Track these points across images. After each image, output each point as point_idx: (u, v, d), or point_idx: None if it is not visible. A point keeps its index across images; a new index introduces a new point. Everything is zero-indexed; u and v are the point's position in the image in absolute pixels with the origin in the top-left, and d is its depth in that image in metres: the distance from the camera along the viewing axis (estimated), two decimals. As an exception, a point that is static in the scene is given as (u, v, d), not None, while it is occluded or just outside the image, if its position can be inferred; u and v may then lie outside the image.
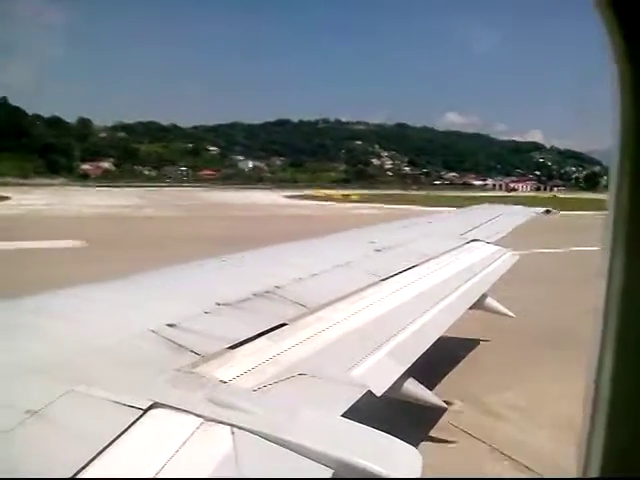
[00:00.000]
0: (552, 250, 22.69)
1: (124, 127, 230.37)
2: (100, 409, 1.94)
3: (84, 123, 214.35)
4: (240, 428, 1.93)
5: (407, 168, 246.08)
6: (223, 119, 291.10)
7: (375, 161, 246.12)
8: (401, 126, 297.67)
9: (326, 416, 2.24)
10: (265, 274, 4.53)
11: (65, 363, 2.25)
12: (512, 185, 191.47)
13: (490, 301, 6.83)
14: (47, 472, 1.58)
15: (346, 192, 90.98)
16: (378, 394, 2.71)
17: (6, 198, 59.09)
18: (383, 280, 4.77)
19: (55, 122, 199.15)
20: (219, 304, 3.40)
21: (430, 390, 3.87)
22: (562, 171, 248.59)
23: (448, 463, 5.39)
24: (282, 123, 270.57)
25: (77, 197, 66.92)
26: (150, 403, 1.99)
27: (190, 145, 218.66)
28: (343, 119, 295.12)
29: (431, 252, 6.31)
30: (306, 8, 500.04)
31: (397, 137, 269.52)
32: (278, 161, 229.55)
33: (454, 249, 6.96)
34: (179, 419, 1.95)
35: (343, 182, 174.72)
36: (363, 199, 72.63)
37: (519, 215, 11.71)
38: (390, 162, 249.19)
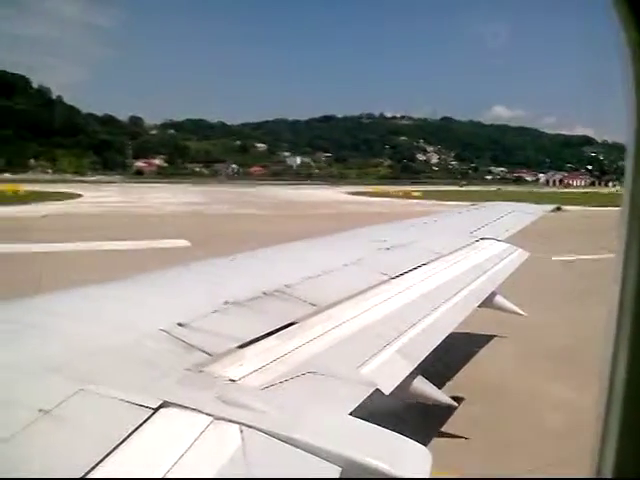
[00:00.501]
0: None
1: (173, 125, 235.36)
2: (111, 408, 1.97)
3: (135, 121, 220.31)
4: (249, 427, 1.95)
5: (454, 163, 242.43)
6: (269, 116, 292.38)
7: (420, 156, 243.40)
8: (446, 120, 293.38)
9: (334, 414, 2.25)
10: (275, 272, 4.56)
11: (76, 362, 2.27)
12: (567, 180, 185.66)
13: (499, 299, 6.65)
14: (59, 471, 1.61)
15: (401, 189, 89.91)
16: (386, 392, 2.72)
17: (78, 195, 60.68)
18: (393, 278, 4.76)
19: (108, 120, 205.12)
20: (229, 303, 3.40)
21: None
22: (614, 166, 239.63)
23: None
24: (327, 119, 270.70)
25: (146, 194, 67.96)
26: (160, 402, 2.01)
27: (238, 142, 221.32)
28: (387, 114, 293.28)
29: (441, 250, 6.34)
30: (350, 4, 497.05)
31: (442, 131, 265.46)
32: (323, 157, 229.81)
33: (464, 247, 6.93)
34: (189, 418, 1.97)
35: (391, 178, 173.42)
36: (426, 196, 71.48)
37: (529, 213, 11.60)
38: (436, 157, 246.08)
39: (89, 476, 1.57)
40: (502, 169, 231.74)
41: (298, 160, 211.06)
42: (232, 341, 2.75)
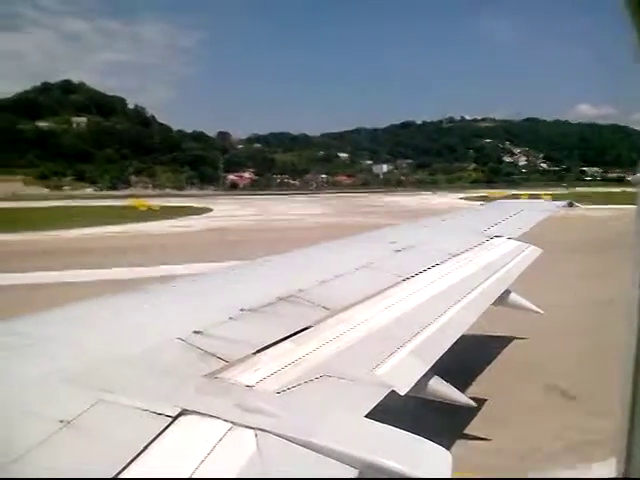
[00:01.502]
0: None
1: (258, 138, 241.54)
2: (130, 417, 1.97)
3: (223, 136, 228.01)
4: (266, 432, 1.95)
5: (544, 165, 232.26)
6: (348, 126, 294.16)
7: (507, 158, 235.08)
8: (531, 120, 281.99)
9: (350, 417, 2.24)
10: (289, 278, 4.55)
11: (95, 372, 2.30)
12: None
13: (515, 297, 6.52)
14: None
15: (509, 193, 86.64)
16: (402, 393, 2.72)
17: (209, 210, 62.06)
18: (405, 280, 4.70)
19: (198, 136, 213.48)
20: (244, 310, 3.39)
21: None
22: None
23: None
24: (406, 125, 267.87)
25: (266, 207, 69.16)
26: (179, 410, 2.02)
27: (321, 153, 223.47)
28: (467, 116, 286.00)
29: (452, 250, 6.25)
30: (421, 9, 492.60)
31: (528, 132, 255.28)
32: (405, 164, 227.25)
33: (476, 246, 6.82)
34: (208, 425, 1.97)
35: (484, 182, 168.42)
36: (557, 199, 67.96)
37: (542, 210, 11.55)
38: (524, 159, 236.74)
39: None
40: (596, 169, 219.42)
41: (384, 168, 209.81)
42: (248, 347, 2.76)
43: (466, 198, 79.59)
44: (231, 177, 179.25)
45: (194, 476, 1.69)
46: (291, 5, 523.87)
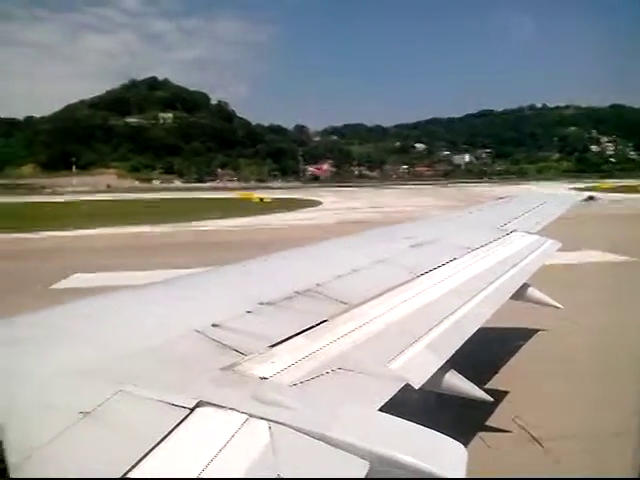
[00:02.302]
0: None
1: (334, 131, 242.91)
2: (149, 409, 2.01)
3: (300, 129, 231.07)
4: (282, 424, 1.98)
5: (633, 153, 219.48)
6: (423, 115, 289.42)
7: (594, 148, 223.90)
8: (616, 107, 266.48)
9: (363, 410, 2.26)
10: (307, 272, 4.56)
11: (113, 365, 2.33)
12: None
13: (533, 291, 6.47)
14: (100, 470, 1.67)
15: (614, 183, 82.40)
16: (416, 387, 2.72)
17: (319, 203, 61.02)
18: (422, 274, 4.73)
19: (276, 130, 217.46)
20: (263, 303, 3.43)
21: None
22: None
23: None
24: (484, 114, 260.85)
25: (370, 198, 68.03)
26: (196, 402, 2.05)
27: (397, 144, 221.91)
28: (549, 104, 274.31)
29: (470, 245, 6.25)
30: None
31: (615, 119, 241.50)
32: (483, 153, 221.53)
33: (493, 241, 6.80)
34: (225, 417, 2.01)
35: (575, 171, 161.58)
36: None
37: (561, 203, 11.42)
38: (612, 148, 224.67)
39: (129, 475, 1.62)
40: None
41: (467, 158, 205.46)
42: (265, 340, 2.79)
43: (576, 189, 76.16)
44: (310, 169, 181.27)
45: (209, 468, 1.72)
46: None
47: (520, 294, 5.93)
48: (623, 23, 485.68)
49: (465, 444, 2.08)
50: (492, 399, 3.75)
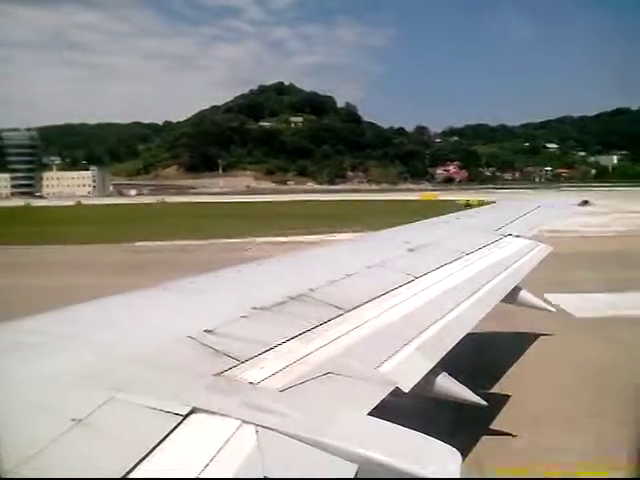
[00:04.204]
0: None
1: (454, 131, 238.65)
2: (142, 416, 1.99)
3: (421, 130, 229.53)
4: (273, 430, 1.98)
5: None
6: (552, 114, 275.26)
7: None
8: None
9: (353, 414, 2.26)
10: (301, 277, 4.53)
11: (106, 371, 2.31)
12: None
13: (525, 295, 6.51)
14: (94, 478, 1.66)
15: None
16: (406, 390, 2.72)
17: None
18: (415, 279, 4.69)
19: (398, 132, 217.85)
20: (255, 308, 3.39)
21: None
22: None
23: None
24: (620, 112, 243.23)
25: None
26: (189, 409, 2.03)
27: (526, 144, 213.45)
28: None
29: (464, 249, 6.24)
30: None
31: None
32: (620, 155, 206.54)
33: (487, 245, 6.82)
34: (218, 423, 2.00)
35: None
36: None
37: (556, 209, 11.79)
38: None
39: None
40: None
41: (615, 159, 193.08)
42: (259, 346, 2.79)
43: None
44: (439, 171, 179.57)
45: (203, 474, 1.72)
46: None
47: (513, 298, 6.13)
48: None
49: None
50: (486, 403, 3.68)
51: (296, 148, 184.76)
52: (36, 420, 1.92)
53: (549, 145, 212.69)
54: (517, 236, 7.78)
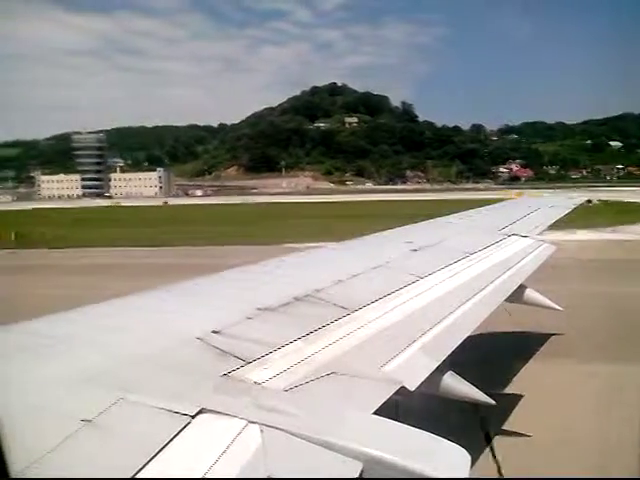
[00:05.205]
0: None
1: (511, 129, 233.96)
2: (150, 416, 2.02)
3: (477, 128, 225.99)
4: (282, 430, 2.01)
5: None
6: (612, 111, 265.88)
7: None
8: None
9: (358, 413, 2.28)
10: (306, 277, 4.56)
11: (114, 372, 2.35)
12: None
13: (531, 294, 6.55)
14: (103, 478, 1.68)
15: None
16: (412, 389, 2.73)
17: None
18: (419, 279, 4.75)
19: (454, 130, 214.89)
20: (262, 309, 3.41)
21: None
22: None
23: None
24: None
25: None
26: (198, 409, 2.07)
27: (588, 142, 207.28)
28: None
29: (468, 249, 6.28)
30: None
31: None
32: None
33: (491, 245, 6.85)
34: (226, 424, 2.03)
35: None
36: None
37: (560, 207, 11.62)
38: None
39: None
40: None
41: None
42: (265, 346, 2.83)
43: None
44: (502, 169, 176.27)
45: (211, 474, 1.75)
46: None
47: (518, 297, 6.08)
48: None
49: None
50: (495, 402, 3.62)
51: (353, 148, 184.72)
52: (46, 421, 1.94)
53: (612, 143, 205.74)
54: (523, 236, 7.82)
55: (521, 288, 6.17)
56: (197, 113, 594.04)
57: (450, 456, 2.04)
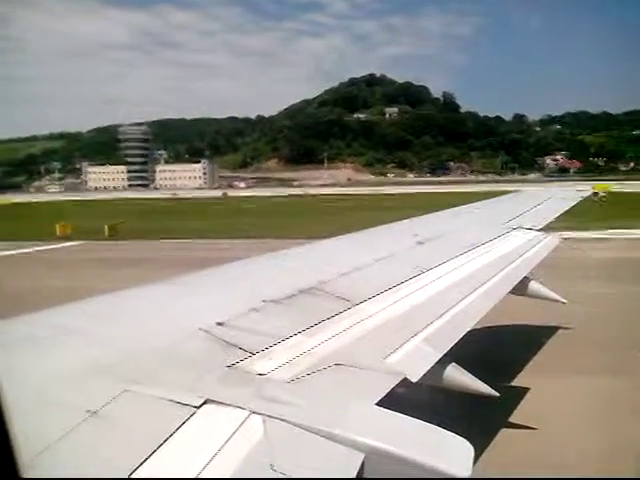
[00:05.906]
0: None
1: (553, 119, 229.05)
2: (155, 407, 2.04)
3: (519, 119, 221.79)
4: (285, 421, 2.03)
5: None
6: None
7: None
8: None
9: (361, 404, 2.30)
10: (310, 270, 4.55)
11: (120, 364, 2.36)
12: None
13: (535, 286, 6.50)
14: (107, 469, 1.69)
15: None
16: (414, 380, 2.76)
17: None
18: (424, 272, 4.78)
19: (496, 120, 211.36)
20: (267, 301, 3.42)
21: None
22: None
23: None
24: None
25: None
26: (203, 400, 2.09)
27: (635, 132, 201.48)
28: None
29: (473, 242, 6.32)
30: None
31: None
32: None
33: (496, 237, 6.89)
34: (230, 414, 2.05)
35: None
36: None
37: (566, 199, 11.50)
38: None
39: (137, 473, 1.64)
40: None
41: None
42: (269, 338, 2.85)
43: None
44: (548, 161, 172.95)
45: (215, 465, 1.76)
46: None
47: (522, 289, 6.04)
48: None
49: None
50: (498, 394, 3.59)
51: (394, 139, 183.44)
52: (51, 412, 1.95)
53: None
54: (528, 228, 7.85)
55: (525, 281, 6.23)
56: (235, 105, 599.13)
57: (453, 448, 2.05)
